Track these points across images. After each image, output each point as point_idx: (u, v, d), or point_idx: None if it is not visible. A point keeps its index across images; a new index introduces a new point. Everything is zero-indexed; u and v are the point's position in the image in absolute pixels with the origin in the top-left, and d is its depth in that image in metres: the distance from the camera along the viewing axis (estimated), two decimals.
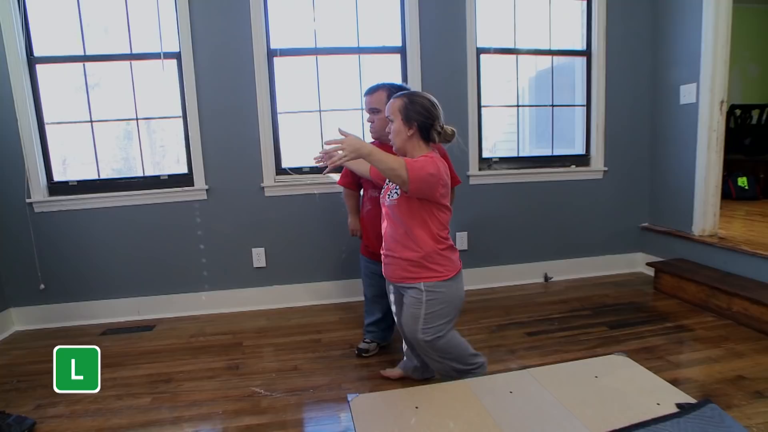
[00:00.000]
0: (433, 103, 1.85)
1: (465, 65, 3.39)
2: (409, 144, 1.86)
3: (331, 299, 3.42)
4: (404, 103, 1.84)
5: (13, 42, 2.93)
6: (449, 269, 1.87)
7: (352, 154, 1.68)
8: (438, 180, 1.75)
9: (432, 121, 1.84)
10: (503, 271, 3.64)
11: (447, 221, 1.88)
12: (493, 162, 3.59)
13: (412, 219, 1.84)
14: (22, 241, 3.09)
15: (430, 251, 1.83)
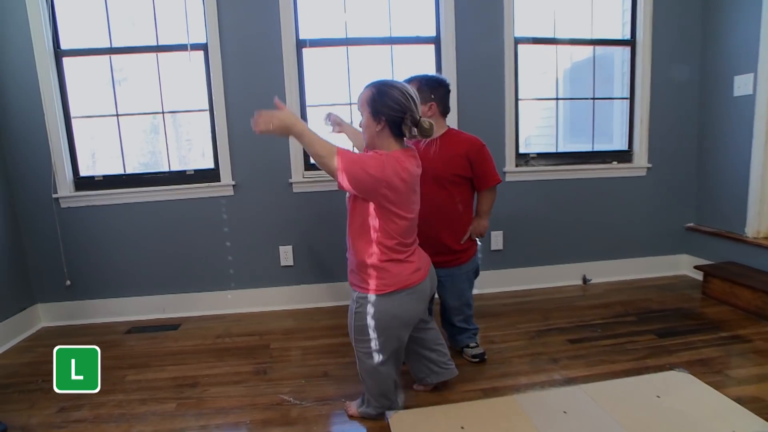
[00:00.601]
0: (405, 93, 1.64)
1: (502, 56, 3.22)
2: (378, 139, 1.67)
3: None
4: (372, 94, 1.65)
5: (41, 34, 2.87)
6: (386, 284, 1.67)
7: (278, 130, 1.54)
8: (378, 182, 1.55)
9: (403, 114, 1.62)
10: (540, 272, 3.47)
11: (397, 231, 1.66)
12: (530, 158, 3.41)
13: (353, 219, 1.71)
14: (49, 236, 3.05)
15: (366, 260, 1.66)
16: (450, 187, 2.19)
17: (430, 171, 2.15)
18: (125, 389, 2.28)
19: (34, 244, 3.06)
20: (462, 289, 2.33)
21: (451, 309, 2.35)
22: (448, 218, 2.22)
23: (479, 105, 3.22)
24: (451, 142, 2.20)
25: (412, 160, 1.68)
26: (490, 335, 2.69)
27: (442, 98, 2.19)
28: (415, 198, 1.71)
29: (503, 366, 2.35)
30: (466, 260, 2.32)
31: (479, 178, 2.24)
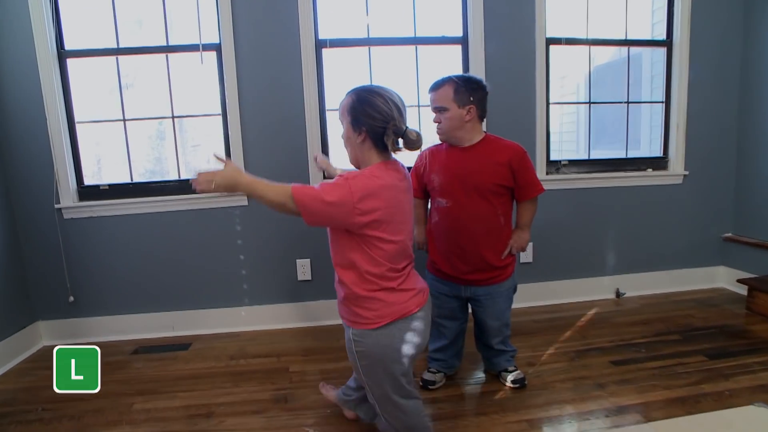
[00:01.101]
0: (388, 100, 1.43)
1: (533, 57, 3.03)
2: (359, 152, 1.49)
3: None
4: (351, 102, 1.46)
5: (43, 34, 2.69)
6: (379, 316, 1.46)
7: (222, 188, 1.39)
8: (346, 211, 1.35)
9: (385, 124, 1.42)
10: (571, 285, 3.27)
11: (384, 256, 1.44)
12: (561, 165, 3.22)
13: (334, 248, 1.52)
14: (51, 249, 2.85)
15: (355, 291, 1.47)
16: (492, 197, 2.00)
17: (471, 180, 1.97)
18: (133, 420, 2.07)
19: (35, 257, 2.87)
20: (502, 308, 2.14)
21: (491, 330, 2.16)
22: (490, 232, 2.03)
23: (508, 109, 3.03)
24: (492, 148, 2.01)
25: (393, 174, 1.47)
26: (526, 356, 2.49)
27: (482, 101, 2.00)
28: (402, 217, 1.48)
29: (545, 392, 2.15)
30: (507, 277, 2.13)
31: (522, 187, 2.05)
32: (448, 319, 2.19)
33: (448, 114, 1.96)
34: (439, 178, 2.05)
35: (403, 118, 1.46)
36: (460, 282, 2.10)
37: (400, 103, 1.46)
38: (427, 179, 2.11)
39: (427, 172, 2.11)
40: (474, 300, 2.13)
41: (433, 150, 2.15)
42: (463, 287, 2.11)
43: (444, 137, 2.04)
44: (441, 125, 2.01)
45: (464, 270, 2.06)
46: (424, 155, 2.18)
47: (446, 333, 2.21)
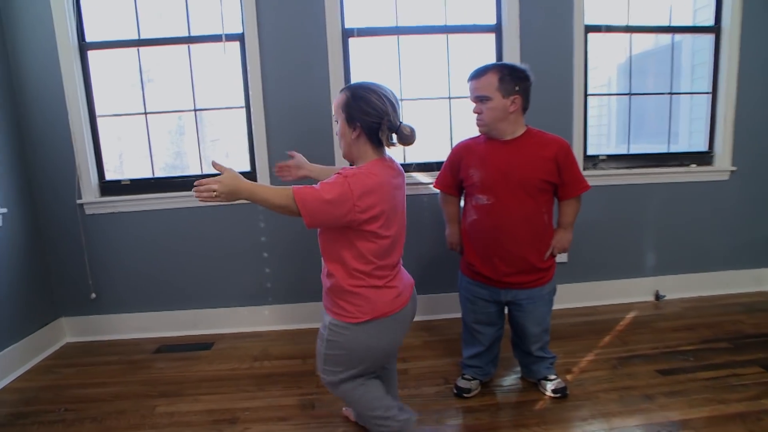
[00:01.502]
0: (383, 96, 1.45)
1: (571, 46, 2.86)
2: (355, 149, 1.50)
3: None
4: (346, 98, 1.47)
5: (64, 26, 2.62)
6: (362, 312, 1.48)
7: (224, 197, 1.36)
8: (340, 208, 1.35)
9: (380, 120, 1.43)
10: (608, 287, 3.11)
11: (376, 252, 1.46)
12: (599, 160, 3.05)
13: (324, 242, 1.53)
14: (73, 245, 2.80)
15: (341, 283, 1.48)
16: (538, 194, 1.86)
17: (515, 176, 1.83)
18: (155, 425, 2.00)
19: (57, 253, 2.82)
20: (543, 312, 2.01)
21: (531, 336, 2.02)
22: (535, 231, 1.89)
23: (544, 100, 2.86)
24: (536, 142, 1.87)
25: (388, 170, 1.49)
26: (565, 362, 2.35)
27: (527, 92, 1.86)
28: (395, 212, 1.50)
29: (589, 404, 2.01)
30: (549, 279, 2.00)
31: (567, 184, 1.91)
32: (485, 324, 2.07)
33: (492, 104, 1.83)
34: (480, 174, 1.91)
35: (396, 113, 1.47)
36: (501, 285, 1.96)
37: (393, 99, 1.48)
38: (464, 174, 1.98)
39: (464, 166, 1.98)
40: (514, 304, 1.99)
41: (470, 143, 2.02)
42: (503, 291, 1.97)
43: (485, 129, 1.91)
44: (482, 116, 1.87)
45: (506, 272, 1.93)
46: (459, 149, 2.04)
47: (482, 339, 2.09)
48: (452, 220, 2.14)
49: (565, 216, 2.00)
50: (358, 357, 1.53)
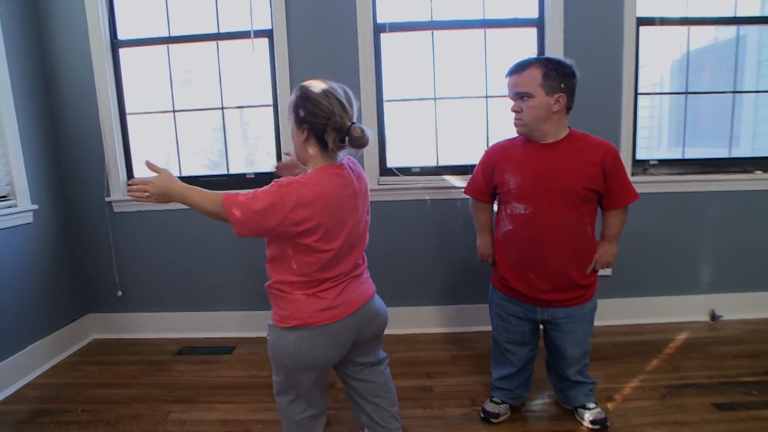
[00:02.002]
0: (330, 95, 1.33)
1: (620, 40, 2.63)
2: (305, 152, 1.39)
3: (437, 327, 2.84)
4: (295, 97, 1.38)
5: (97, 24, 2.62)
6: (284, 317, 1.38)
7: (155, 198, 1.34)
8: (271, 219, 1.26)
9: (326, 120, 1.30)
10: (656, 303, 2.85)
11: (312, 264, 1.34)
12: (649, 165, 2.80)
13: (267, 241, 1.43)
14: (101, 243, 2.81)
15: (272, 285, 1.42)
16: (581, 204, 1.67)
17: (557, 183, 1.65)
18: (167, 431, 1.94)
19: (86, 250, 2.84)
20: (583, 333, 1.82)
21: (569, 359, 1.83)
22: (577, 245, 1.71)
23: (590, 100, 2.65)
24: (580, 146, 1.69)
25: (334, 179, 1.34)
26: (606, 388, 2.14)
27: (572, 90, 1.68)
28: (339, 225, 1.34)
29: None
30: (590, 297, 1.81)
31: (614, 193, 1.71)
32: (518, 344, 1.89)
33: (533, 102, 1.65)
34: (517, 179, 1.74)
35: (347, 113, 1.33)
36: (537, 303, 1.79)
37: (344, 98, 1.35)
38: (499, 180, 1.80)
39: (499, 171, 1.80)
40: (551, 323, 1.81)
41: (506, 145, 1.84)
42: (539, 309, 1.80)
43: (524, 129, 1.73)
44: (521, 115, 1.70)
45: (543, 289, 1.75)
46: (493, 151, 1.87)
47: (513, 360, 1.92)
48: (484, 229, 1.97)
49: (610, 228, 1.80)
50: (281, 362, 1.43)
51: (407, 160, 2.82)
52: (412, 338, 2.75)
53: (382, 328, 1.56)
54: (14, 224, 2.41)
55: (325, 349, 1.37)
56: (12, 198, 2.43)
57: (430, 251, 2.80)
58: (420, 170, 2.79)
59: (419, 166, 2.79)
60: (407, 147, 2.84)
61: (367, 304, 1.45)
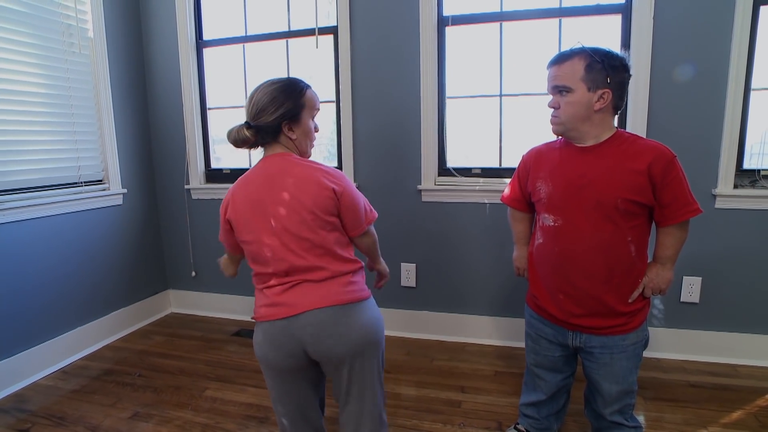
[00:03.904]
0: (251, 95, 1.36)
1: (729, 25, 2.21)
2: None
3: (488, 339, 2.67)
4: None
5: (185, 26, 2.87)
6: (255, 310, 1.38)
7: None
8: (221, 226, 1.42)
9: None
10: (753, 342, 2.37)
11: (247, 254, 1.37)
12: (760, 176, 2.33)
13: None
14: (180, 226, 3.10)
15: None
16: (620, 218, 1.42)
17: (591, 192, 1.43)
18: (197, 407, 2.08)
19: (169, 231, 3.15)
20: (624, 369, 1.54)
21: (605, 396, 1.57)
22: (615, 265, 1.45)
23: (683, 96, 2.29)
24: (624, 150, 1.43)
25: (257, 171, 1.35)
26: None
27: (621, 86, 1.43)
28: (251, 214, 1.32)
29: None
30: (635, 327, 1.52)
31: (666, 206, 1.43)
32: (548, 370, 1.69)
33: (572, 97, 1.43)
34: (547, 187, 1.54)
35: (247, 110, 1.35)
36: (569, 326, 1.57)
37: (253, 93, 1.35)
38: (532, 187, 1.61)
39: (532, 178, 1.61)
40: (585, 352, 1.58)
41: (543, 149, 1.64)
42: (570, 333, 1.58)
43: (560, 129, 1.51)
44: (558, 112, 1.48)
45: (575, 312, 1.53)
46: (529, 155, 1.67)
47: (543, 387, 1.71)
48: (520, 240, 1.79)
49: (662, 247, 1.52)
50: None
51: (467, 161, 2.68)
52: (460, 347, 2.62)
53: (345, 352, 1.28)
54: (106, 205, 2.75)
55: (265, 348, 1.31)
56: (105, 182, 2.76)
57: (487, 258, 2.63)
58: (481, 171, 2.63)
59: (480, 167, 2.63)
60: (468, 146, 2.69)
61: (315, 313, 1.26)
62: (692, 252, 2.35)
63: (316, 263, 1.28)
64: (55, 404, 2.11)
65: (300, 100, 1.34)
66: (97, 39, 2.66)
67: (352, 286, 1.32)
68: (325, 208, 1.27)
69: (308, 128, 1.38)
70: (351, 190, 1.33)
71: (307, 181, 1.28)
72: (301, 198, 1.26)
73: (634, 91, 2.32)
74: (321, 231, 1.28)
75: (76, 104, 2.58)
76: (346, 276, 1.32)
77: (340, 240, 1.33)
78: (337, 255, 1.31)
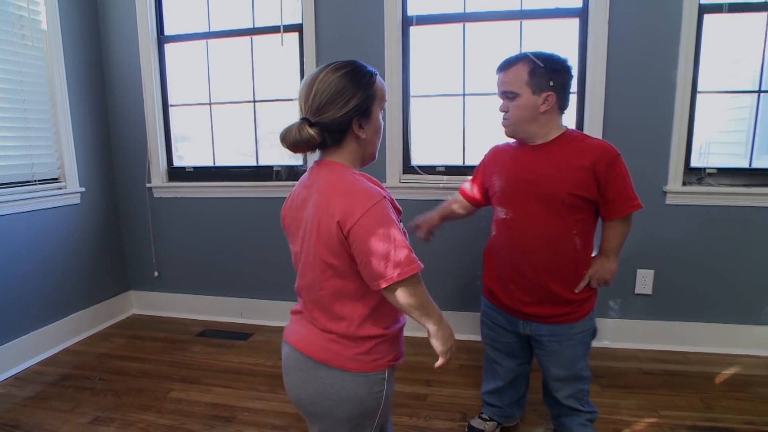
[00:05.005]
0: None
1: (677, 30, 2.33)
2: None
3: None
4: None
5: (145, 20, 2.80)
6: None
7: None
8: None
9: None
10: (703, 330, 2.51)
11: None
12: (705, 174, 2.47)
13: None
14: (142, 225, 3.03)
15: None
16: (566, 212, 1.50)
17: (538, 187, 1.51)
18: (161, 409, 2.04)
19: (130, 231, 3.07)
20: (572, 355, 1.63)
21: (555, 381, 1.67)
22: (559, 257, 1.53)
23: (636, 98, 2.40)
24: (571, 148, 1.51)
25: (304, 179, 1.15)
26: (618, 420, 1.93)
27: (564, 88, 1.52)
28: (295, 228, 1.13)
29: None
30: (582, 316, 1.61)
31: (610, 201, 1.51)
32: (506, 355, 1.76)
33: (519, 101, 1.51)
34: (500, 182, 1.62)
35: (304, 106, 1.06)
36: (519, 315, 1.64)
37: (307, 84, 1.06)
38: (488, 183, 1.69)
39: (488, 173, 1.70)
40: (535, 340, 1.66)
41: (501, 147, 1.72)
42: (521, 322, 1.65)
43: (510, 131, 1.59)
44: (508, 115, 1.57)
45: (525, 300, 1.60)
46: (489, 153, 1.77)
47: (501, 372, 1.79)
48: (440, 210, 1.85)
49: (606, 240, 1.60)
50: None
51: (433, 159, 2.72)
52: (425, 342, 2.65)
53: (299, 405, 1.14)
54: (63, 204, 2.66)
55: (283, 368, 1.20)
56: (62, 180, 2.67)
57: (450, 254, 2.69)
58: (444, 169, 2.68)
59: (444, 165, 2.68)
60: (433, 145, 2.74)
61: (291, 347, 1.15)
62: (645, 246, 2.48)
63: (309, 305, 1.13)
64: (8, 412, 2.03)
65: (371, 90, 1.05)
66: (51, 31, 2.56)
67: (335, 346, 1.08)
68: (328, 243, 1.02)
69: (379, 125, 1.11)
70: (367, 225, 0.98)
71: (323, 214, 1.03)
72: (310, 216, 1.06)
73: (591, 91, 2.42)
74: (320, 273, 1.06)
75: (28, 99, 2.48)
76: (312, 325, 1.12)
77: (345, 291, 1.06)
78: (330, 312, 1.08)
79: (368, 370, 1.08)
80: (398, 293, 1.02)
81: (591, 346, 1.67)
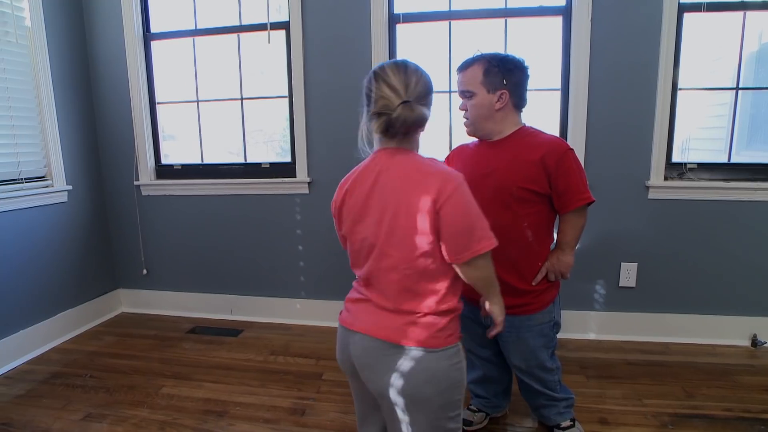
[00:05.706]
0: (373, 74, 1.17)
1: (657, 28, 2.39)
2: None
3: None
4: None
5: (131, 17, 2.79)
6: None
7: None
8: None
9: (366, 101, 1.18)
10: (687, 322, 2.58)
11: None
12: (686, 169, 2.53)
13: None
14: (130, 223, 3.03)
15: None
16: (515, 205, 1.55)
17: (490, 182, 1.56)
18: (153, 405, 2.06)
19: (118, 229, 3.06)
20: (532, 347, 1.66)
21: (517, 370, 1.73)
22: (512, 247, 1.57)
23: (619, 95, 2.45)
24: (524, 144, 1.57)
25: (368, 162, 1.19)
26: (600, 408, 1.98)
27: (518, 86, 1.57)
28: (350, 210, 1.19)
29: None
30: (540, 308, 1.65)
31: (561, 195, 1.56)
32: (477, 345, 1.81)
33: (475, 100, 1.57)
34: None
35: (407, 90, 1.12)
36: (477, 305, 1.69)
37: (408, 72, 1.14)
38: None
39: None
40: None
41: (463, 146, 1.79)
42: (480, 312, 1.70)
43: (471, 130, 1.65)
44: (467, 114, 1.62)
45: None
46: (453, 150, 1.83)
47: (477, 363, 1.85)
48: None
49: (561, 234, 1.65)
50: None
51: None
52: None
53: (379, 392, 1.17)
54: (50, 202, 2.65)
55: (338, 349, 1.26)
56: (48, 178, 2.66)
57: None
58: None
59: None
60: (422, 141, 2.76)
61: (364, 338, 1.16)
62: (629, 240, 2.54)
63: (381, 290, 1.16)
64: None
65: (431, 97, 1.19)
66: (36, 28, 2.55)
67: (414, 327, 1.12)
68: (420, 222, 1.08)
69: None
70: (457, 201, 1.09)
71: (384, 181, 1.12)
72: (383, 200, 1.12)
73: (574, 89, 2.47)
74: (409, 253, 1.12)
75: (13, 96, 2.47)
76: (385, 310, 1.16)
77: (431, 268, 1.12)
78: (412, 291, 1.13)
79: (446, 345, 1.13)
80: (478, 265, 1.13)
81: (556, 339, 1.71)
